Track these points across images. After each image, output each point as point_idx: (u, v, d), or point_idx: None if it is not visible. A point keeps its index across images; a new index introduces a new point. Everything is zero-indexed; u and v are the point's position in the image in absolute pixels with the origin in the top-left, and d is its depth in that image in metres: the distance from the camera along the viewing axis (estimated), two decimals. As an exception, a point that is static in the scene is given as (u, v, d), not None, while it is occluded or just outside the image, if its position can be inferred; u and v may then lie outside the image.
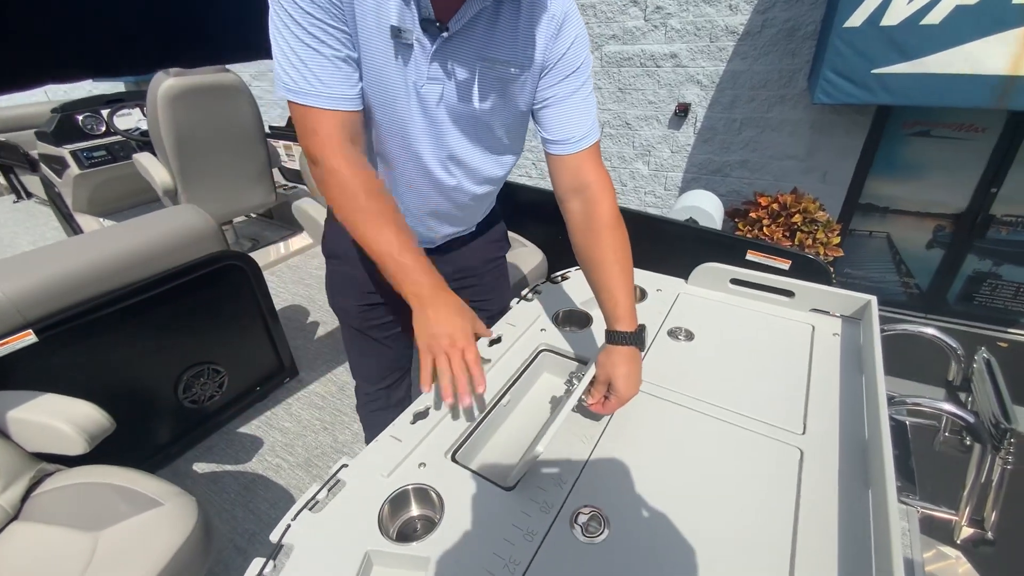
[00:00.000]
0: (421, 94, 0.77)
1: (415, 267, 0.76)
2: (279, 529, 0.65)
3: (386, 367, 1.20)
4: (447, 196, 0.92)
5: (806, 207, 2.76)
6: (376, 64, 0.74)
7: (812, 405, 0.79)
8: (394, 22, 0.71)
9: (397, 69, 0.75)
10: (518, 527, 0.65)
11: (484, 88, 0.79)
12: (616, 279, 0.85)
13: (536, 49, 0.79)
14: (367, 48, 0.73)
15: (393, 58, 0.74)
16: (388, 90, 0.77)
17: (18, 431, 1.00)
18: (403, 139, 0.82)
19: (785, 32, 2.80)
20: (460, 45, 0.75)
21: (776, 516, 0.64)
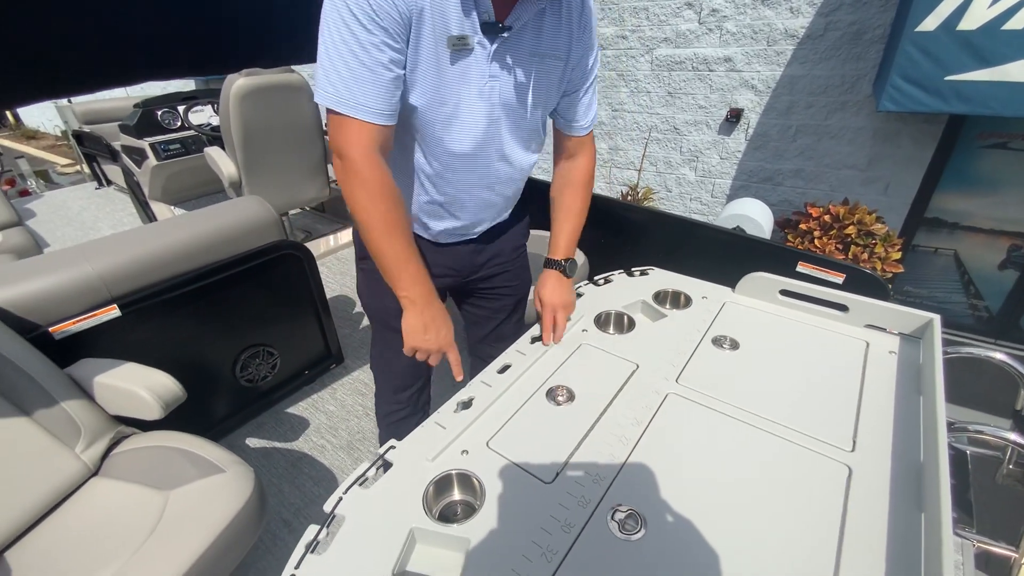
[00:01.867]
0: (484, 93, 0.82)
1: (416, 276, 0.88)
2: (332, 500, 0.70)
3: (416, 370, 1.20)
4: (498, 191, 0.98)
5: (860, 218, 2.62)
6: (438, 77, 0.78)
7: (863, 423, 0.77)
8: (454, 32, 0.75)
9: (459, 76, 0.79)
10: (556, 518, 0.66)
11: (534, 83, 0.87)
12: (569, 224, 1.09)
13: (572, 40, 0.87)
14: (427, 63, 0.77)
15: (452, 66, 0.78)
16: (450, 98, 0.81)
17: (102, 395, 1.10)
18: (467, 142, 0.87)
19: (850, 36, 2.68)
20: (515, 43, 0.81)
21: (820, 534, 0.62)
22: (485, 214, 1.02)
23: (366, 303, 1.13)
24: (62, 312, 1.21)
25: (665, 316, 1.07)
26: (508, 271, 1.18)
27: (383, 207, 0.81)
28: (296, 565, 0.63)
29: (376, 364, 1.24)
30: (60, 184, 5.22)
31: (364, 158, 0.78)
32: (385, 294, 1.05)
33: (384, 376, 1.24)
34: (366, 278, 1.10)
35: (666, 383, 0.88)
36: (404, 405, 1.25)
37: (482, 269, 1.12)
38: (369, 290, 1.11)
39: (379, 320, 1.14)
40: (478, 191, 0.95)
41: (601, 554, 0.62)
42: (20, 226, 2.36)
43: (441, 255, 1.05)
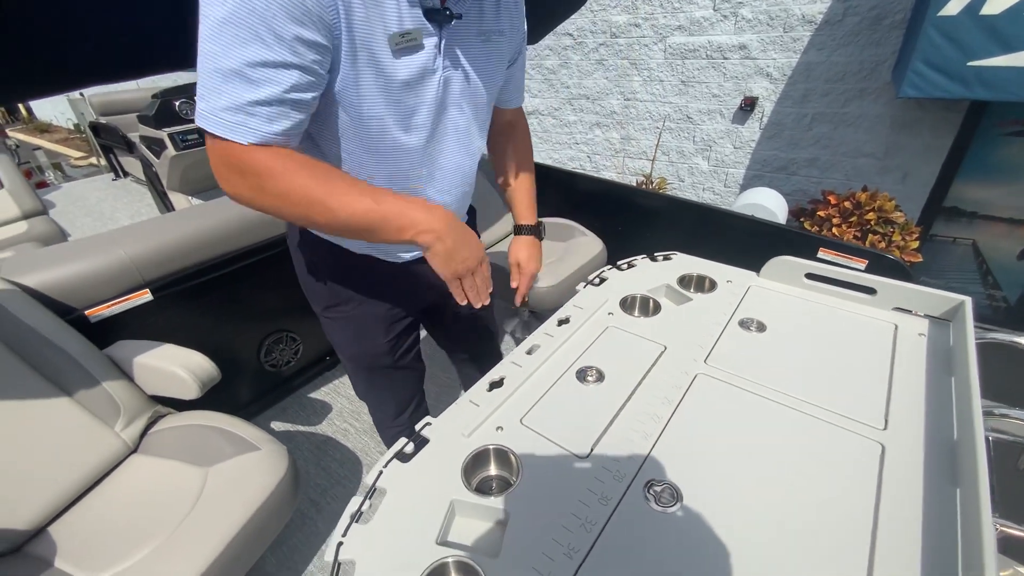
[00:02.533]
0: (440, 87, 0.75)
1: (413, 207, 0.70)
2: (373, 473, 0.72)
3: (412, 391, 1.16)
4: (468, 183, 0.94)
5: (881, 205, 2.60)
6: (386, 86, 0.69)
7: (895, 402, 0.78)
8: (395, 29, 0.66)
9: (410, 77, 0.71)
10: (592, 491, 0.68)
11: (485, 63, 0.81)
12: (525, 190, 1.10)
13: (512, 13, 0.84)
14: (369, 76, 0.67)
15: (402, 69, 0.69)
16: (405, 104, 0.73)
17: (140, 375, 1.14)
18: (431, 144, 0.80)
19: (869, 21, 2.64)
20: (461, 27, 0.75)
21: (855, 509, 0.63)
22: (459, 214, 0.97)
23: (347, 352, 1.04)
24: (97, 296, 1.24)
25: (690, 300, 1.08)
26: None
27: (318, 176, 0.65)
28: (343, 533, 0.65)
29: (368, 398, 1.17)
30: (73, 177, 5.28)
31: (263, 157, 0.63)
32: (370, 336, 0.98)
33: (380, 409, 1.18)
34: (339, 327, 0.99)
35: (695, 364, 0.89)
36: (406, 426, 1.19)
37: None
38: (346, 338, 1.00)
39: (364, 365, 1.05)
40: (454, 188, 0.90)
41: (639, 526, 0.64)
42: (45, 215, 2.41)
43: (419, 276, 0.97)
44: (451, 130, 0.82)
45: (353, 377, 1.14)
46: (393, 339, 1.01)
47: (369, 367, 1.04)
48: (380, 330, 0.98)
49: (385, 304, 0.96)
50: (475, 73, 0.80)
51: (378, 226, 0.68)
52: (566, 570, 0.59)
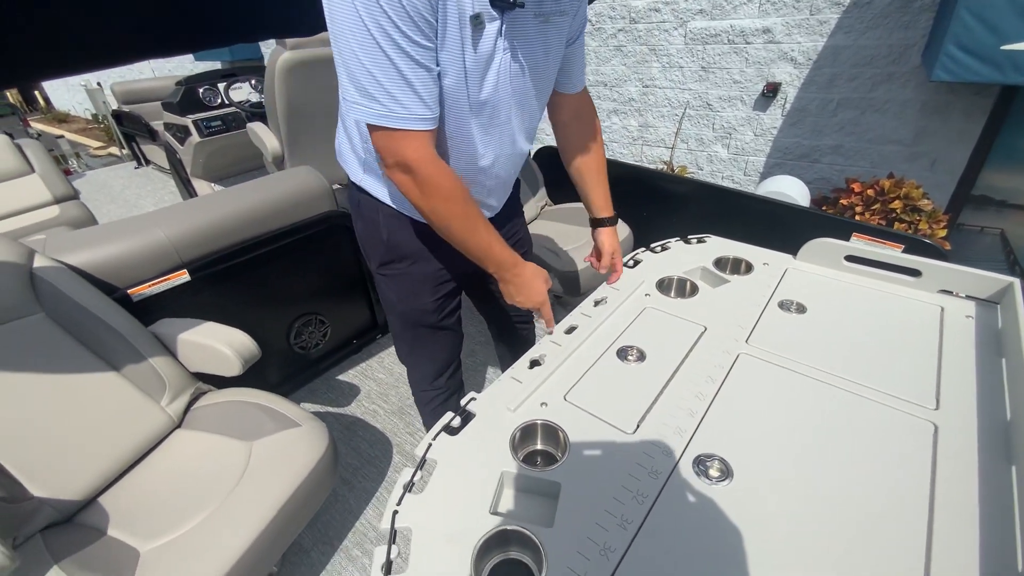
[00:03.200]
0: (504, 68, 0.81)
1: (502, 250, 0.92)
2: (423, 445, 0.74)
3: (451, 354, 1.22)
4: (519, 161, 0.99)
5: (908, 193, 2.55)
6: (464, 60, 0.76)
7: (945, 383, 0.77)
8: (470, 11, 0.72)
9: (482, 55, 0.77)
10: (642, 466, 0.69)
11: (544, 45, 0.85)
12: (603, 184, 1.15)
13: None
14: (453, 48, 0.74)
15: (476, 47, 0.76)
16: (476, 79, 0.79)
17: (184, 351, 1.16)
18: (495, 121, 0.86)
19: (899, 3, 2.57)
20: (520, 11, 0.78)
21: (910, 490, 0.63)
22: (507, 187, 1.05)
23: (398, 308, 1.10)
24: (138, 276, 1.26)
25: (728, 282, 1.08)
26: (522, 236, 1.23)
27: (462, 207, 0.84)
28: (397, 502, 0.66)
29: (409, 360, 1.23)
30: (93, 166, 5.35)
31: (433, 167, 0.79)
32: (418, 294, 1.06)
33: (419, 369, 1.24)
34: (394, 283, 1.06)
35: (736, 344, 0.89)
36: (443, 389, 1.26)
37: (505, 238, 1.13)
38: (399, 294, 1.07)
39: (412, 320, 1.11)
40: (506, 165, 0.96)
41: (691, 500, 0.64)
42: (76, 199, 2.45)
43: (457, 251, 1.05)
44: (510, 110, 0.87)
45: (398, 338, 1.19)
46: (439, 299, 1.09)
47: (415, 324, 1.12)
48: (427, 289, 1.06)
49: (435, 265, 1.04)
50: (534, 55, 0.84)
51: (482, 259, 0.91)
52: (621, 540, 0.60)
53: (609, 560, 0.57)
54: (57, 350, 1.01)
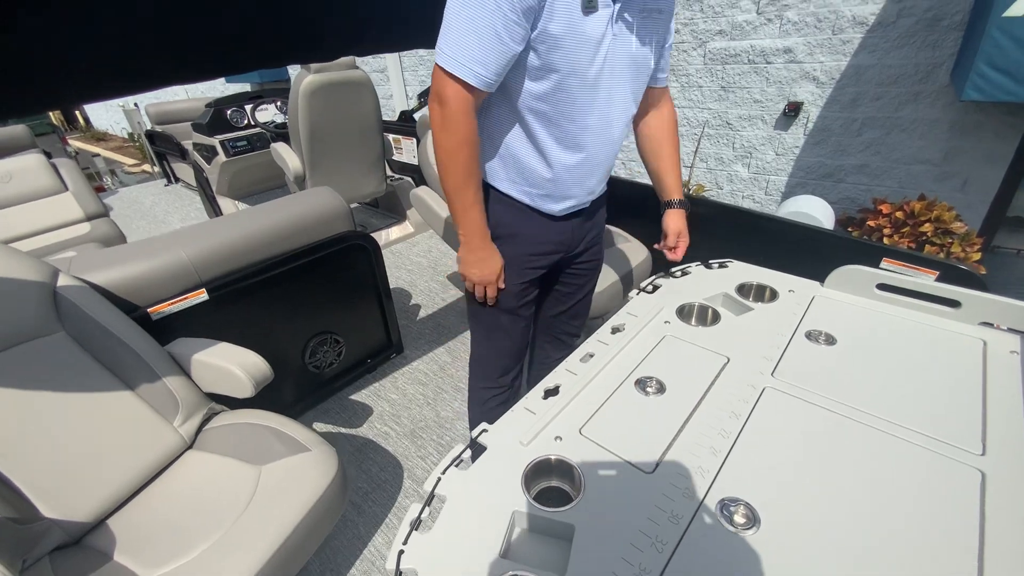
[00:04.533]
0: (611, 53, 0.90)
1: (477, 220, 1.01)
2: (431, 480, 0.71)
3: (521, 351, 1.28)
4: (614, 149, 1.07)
5: (939, 215, 2.46)
6: (575, 39, 0.86)
7: (991, 425, 0.72)
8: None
9: (591, 37, 0.87)
10: (661, 509, 0.65)
11: (647, 38, 0.95)
12: (676, 168, 1.24)
13: None
14: (562, 22, 0.84)
15: (586, 30, 0.86)
16: (584, 58, 0.88)
17: (198, 372, 1.16)
18: (600, 102, 0.95)
19: (926, 22, 2.53)
20: (631, 2, 0.88)
21: (956, 544, 0.58)
22: (605, 175, 1.12)
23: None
24: (159, 294, 1.28)
25: (751, 309, 1.03)
26: (598, 244, 1.28)
27: (467, 155, 0.93)
28: (404, 541, 0.64)
29: (483, 346, 1.28)
30: (127, 182, 5.57)
31: (465, 114, 0.89)
32: (508, 276, 1.12)
33: (487, 362, 1.29)
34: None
35: (761, 377, 0.85)
36: (505, 388, 1.31)
37: (583, 242, 1.21)
38: None
39: (498, 304, 1.17)
40: (603, 150, 1.04)
41: (715, 548, 0.60)
42: (106, 217, 2.53)
43: (555, 230, 1.13)
44: (612, 90, 0.96)
45: (478, 323, 1.25)
46: (524, 285, 1.16)
47: (497, 308, 1.18)
48: (515, 272, 1.13)
49: (524, 249, 1.12)
50: (638, 45, 0.94)
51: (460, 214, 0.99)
52: (639, 591, 0.56)
53: (626, 614, 0.54)
54: (75, 369, 1.03)
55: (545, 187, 1.05)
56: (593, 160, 1.04)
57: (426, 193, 1.96)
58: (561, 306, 1.35)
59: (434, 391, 1.91)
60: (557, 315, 1.37)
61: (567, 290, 1.31)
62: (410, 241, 3.14)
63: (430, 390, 1.91)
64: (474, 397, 1.34)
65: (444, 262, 2.85)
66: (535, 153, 1.01)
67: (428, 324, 2.31)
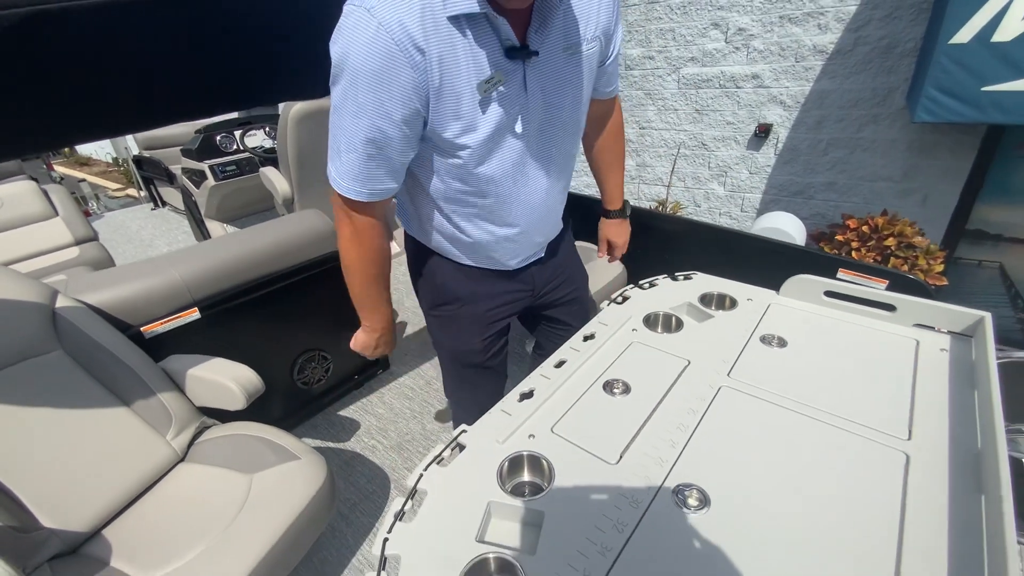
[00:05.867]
0: (528, 120, 0.82)
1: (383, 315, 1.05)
2: (414, 475, 0.77)
3: (494, 394, 1.22)
4: (557, 203, 1.04)
5: (901, 230, 2.60)
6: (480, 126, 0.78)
7: (918, 414, 0.80)
8: (480, 78, 0.74)
9: (499, 114, 0.78)
10: (623, 495, 0.71)
11: (574, 77, 0.84)
12: (618, 174, 1.25)
13: (600, 16, 0.84)
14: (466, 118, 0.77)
15: (493, 107, 0.77)
16: (496, 140, 0.81)
17: (192, 386, 1.21)
18: (522, 172, 0.89)
19: (880, 50, 2.71)
20: (544, 51, 0.78)
21: (882, 516, 0.65)
22: (553, 226, 1.10)
23: (447, 347, 1.18)
24: (152, 313, 1.33)
25: (712, 317, 1.12)
26: (570, 276, 1.26)
27: (376, 268, 0.96)
28: (388, 530, 0.69)
29: (455, 396, 1.30)
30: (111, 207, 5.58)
31: (373, 228, 0.90)
32: (468, 334, 1.11)
33: (463, 407, 1.29)
34: (442, 324, 1.14)
35: (718, 377, 0.92)
36: None
37: (550, 283, 1.20)
38: (448, 335, 1.15)
39: (460, 359, 1.18)
40: (549, 207, 1.01)
41: (670, 528, 0.66)
42: (96, 241, 2.57)
43: (513, 281, 1.11)
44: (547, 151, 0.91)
45: (447, 373, 1.27)
46: (487, 339, 1.14)
47: (462, 364, 1.18)
48: (476, 330, 1.12)
49: (484, 307, 1.09)
50: (566, 90, 0.85)
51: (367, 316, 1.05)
52: (600, 567, 0.62)
53: (588, 587, 0.60)
54: (72, 385, 1.07)
55: (491, 251, 1.02)
56: (532, 228, 1.01)
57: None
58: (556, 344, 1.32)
59: (420, 405, 1.95)
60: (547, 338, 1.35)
61: (561, 326, 1.30)
62: (397, 260, 3.21)
63: (416, 404, 1.96)
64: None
65: (431, 280, 2.91)
66: (469, 229, 0.97)
67: (414, 341, 2.37)
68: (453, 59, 0.71)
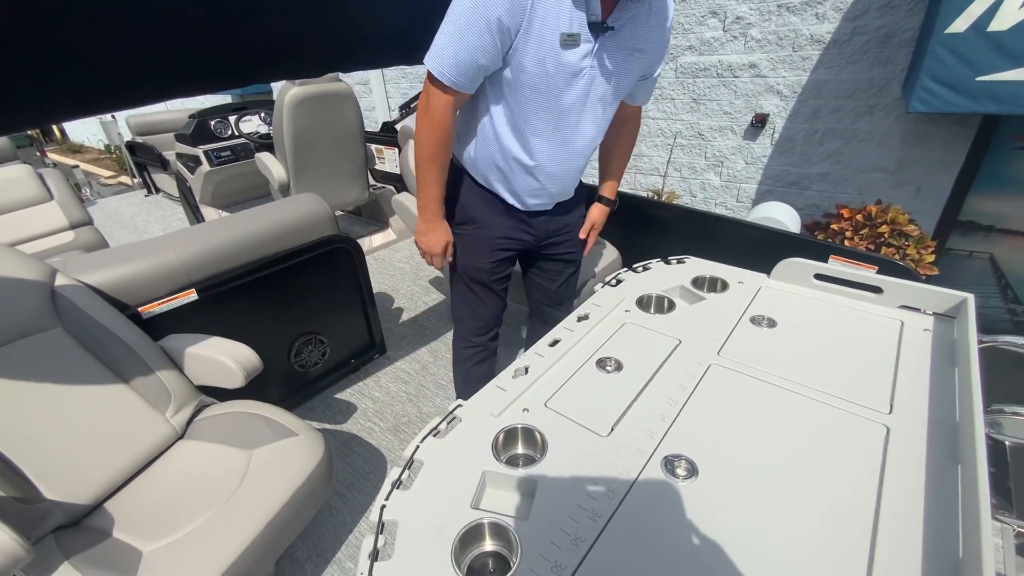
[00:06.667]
0: (584, 82, 1.03)
1: (436, 197, 1.17)
2: (411, 447, 0.79)
3: (493, 316, 1.42)
4: (578, 163, 1.21)
5: (894, 218, 2.63)
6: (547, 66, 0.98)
7: (900, 390, 0.82)
8: (564, 29, 0.95)
9: (568, 68, 1.00)
10: (614, 465, 0.74)
11: (624, 74, 1.07)
12: (618, 171, 1.42)
13: (662, 36, 1.09)
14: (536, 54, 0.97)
15: (562, 58, 0.98)
16: (557, 85, 1.02)
17: (190, 365, 1.22)
18: (565, 119, 1.08)
19: (877, 40, 2.71)
20: (615, 40, 1.00)
21: (860, 486, 0.67)
22: (566, 185, 1.25)
23: (462, 262, 1.33)
24: (150, 294, 1.34)
25: (704, 299, 1.14)
26: (572, 238, 1.42)
27: (441, 148, 1.09)
28: (385, 498, 0.71)
29: (459, 312, 1.42)
30: (103, 194, 5.53)
31: (441, 108, 1.04)
32: (480, 253, 1.28)
33: (464, 324, 1.44)
34: (463, 241, 1.30)
35: (708, 355, 0.95)
36: (481, 348, 1.44)
37: (554, 236, 1.36)
38: (465, 251, 1.31)
39: (470, 276, 1.33)
40: (566, 164, 1.17)
41: (659, 496, 0.69)
42: (90, 225, 2.56)
43: (527, 222, 1.28)
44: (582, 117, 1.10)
45: (455, 290, 1.40)
46: (495, 263, 1.30)
47: (471, 279, 1.34)
48: (487, 251, 1.28)
49: (496, 232, 1.27)
50: (614, 80, 1.07)
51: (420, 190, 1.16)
52: (591, 531, 0.64)
53: (579, 549, 0.62)
54: (72, 362, 1.08)
55: (512, 184, 1.20)
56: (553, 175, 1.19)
57: (408, 199, 2.04)
58: (543, 292, 1.51)
59: (416, 388, 1.98)
60: (542, 300, 1.53)
61: (547, 276, 1.47)
62: (393, 247, 3.22)
63: (412, 388, 1.98)
64: (456, 356, 1.49)
65: (426, 267, 2.93)
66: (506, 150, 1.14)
67: (410, 326, 2.38)
68: (547, 6, 0.92)
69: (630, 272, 1.27)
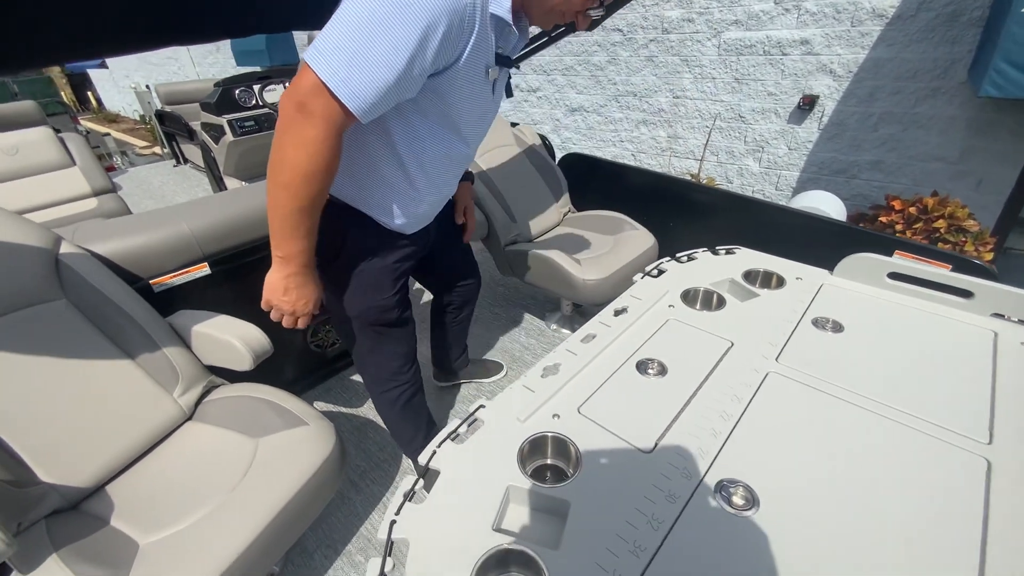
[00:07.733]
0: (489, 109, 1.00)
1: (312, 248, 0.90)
2: (426, 453, 0.70)
3: (410, 348, 1.25)
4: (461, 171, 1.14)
5: (952, 212, 2.42)
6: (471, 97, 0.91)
7: (999, 415, 0.70)
8: (488, 65, 0.89)
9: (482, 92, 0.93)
10: (659, 488, 0.64)
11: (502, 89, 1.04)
12: None
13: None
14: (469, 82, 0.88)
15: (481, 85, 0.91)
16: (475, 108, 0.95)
17: (198, 344, 1.16)
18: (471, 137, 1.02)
19: (945, 17, 2.47)
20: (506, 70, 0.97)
21: (959, 531, 0.57)
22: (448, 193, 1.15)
23: (351, 305, 1.08)
24: (161, 267, 1.28)
25: (757, 296, 1.02)
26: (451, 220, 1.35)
27: (324, 184, 0.82)
28: (396, 511, 0.63)
29: (369, 359, 1.22)
30: (136, 164, 5.60)
31: (335, 138, 0.78)
32: (380, 289, 1.07)
33: (381, 367, 1.23)
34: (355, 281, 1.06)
35: (765, 361, 0.83)
36: (409, 383, 1.27)
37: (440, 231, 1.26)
38: (359, 292, 1.07)
39: (372, 319, 1.11)
40: (453, 181, 1.11)
41: (712, 528, 0.59)
42: (114, 193, 2.53)
43: (411, 241, 1.10)
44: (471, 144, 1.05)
45: (357, 341, 1.16)
46: (397, 293, 1.12)
47: (375, 322, 1.12)
48: (387, 283, 1.09)
49: (392, 257, 1.07)
50: (498, 97, 1.03)
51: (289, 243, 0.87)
52: (633, 569, 0.55)
53: (619, 589, 0.53)
54: (76, 336, 1.03)
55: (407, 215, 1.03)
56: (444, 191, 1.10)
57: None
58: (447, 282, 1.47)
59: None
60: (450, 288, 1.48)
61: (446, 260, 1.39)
62: None
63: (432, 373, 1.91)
64: (381, 401, 1.29)
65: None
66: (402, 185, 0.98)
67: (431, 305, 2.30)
68: (480, 40, 0.83)
69: (673, 262, 1.15)
